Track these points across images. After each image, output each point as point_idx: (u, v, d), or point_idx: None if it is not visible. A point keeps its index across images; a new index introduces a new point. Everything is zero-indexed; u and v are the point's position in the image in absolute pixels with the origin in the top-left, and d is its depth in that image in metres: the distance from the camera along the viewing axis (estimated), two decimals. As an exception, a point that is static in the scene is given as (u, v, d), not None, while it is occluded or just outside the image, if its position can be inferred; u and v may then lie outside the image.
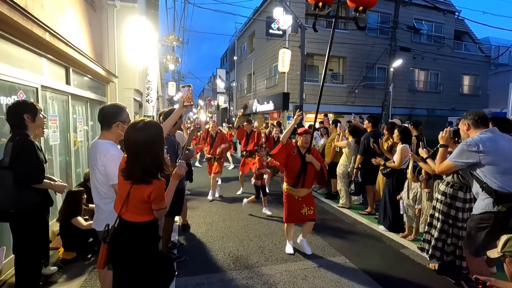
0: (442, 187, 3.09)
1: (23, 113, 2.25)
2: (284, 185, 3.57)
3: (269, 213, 5.02)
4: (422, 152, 3.11)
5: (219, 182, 6.76)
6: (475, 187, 2.42)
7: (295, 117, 3.51)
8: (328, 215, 5.14)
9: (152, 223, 1.68)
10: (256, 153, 5.52)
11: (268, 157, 4.88)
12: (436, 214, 3.09)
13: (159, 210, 1.65)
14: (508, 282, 1.90)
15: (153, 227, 1.70)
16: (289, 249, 3.63)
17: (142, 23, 5.95)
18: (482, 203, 2.33)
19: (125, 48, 7.22)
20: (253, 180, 5.04)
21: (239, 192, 6.43)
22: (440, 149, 2.63)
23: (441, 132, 2.70)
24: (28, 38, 3.13)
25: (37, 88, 3.42)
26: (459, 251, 2.97)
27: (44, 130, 2.72)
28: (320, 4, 2.96)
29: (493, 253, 1.89)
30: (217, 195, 6.15)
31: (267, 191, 5.35)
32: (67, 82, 4.45)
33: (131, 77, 8.12)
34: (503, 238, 1.86)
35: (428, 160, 2.98)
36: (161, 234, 2.99)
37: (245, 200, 5.02)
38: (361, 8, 2.96)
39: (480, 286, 1.78)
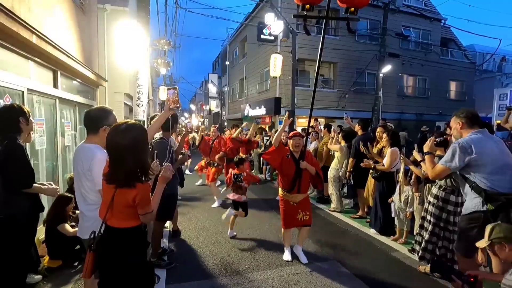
0: (434, 190, 3.12)
1: (19, 117, 2.21)
2: (280, 191, 3.47)
3: (234, 234, 4.27)
4: (417, 155, 3.13)
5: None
6: (464, 187, 2.45)
7: (284, 119, 3.43)
8: (319, 219, 5.14)
9: (138, 228, 1.64)
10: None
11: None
12: (428, 217, 3.12)
13: (145, 214, 1.60)
14: (497, 274, 2.00)
15: (140, 232, 1.65)
16: (287, 256, 3.51)
17: (132, 27, 5.91)
18: (471, 203, 2.36)
19: (115, 52, 7.15)
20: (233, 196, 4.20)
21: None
22: (427, 156, 2.66)
23: (426, 142, 2.75)
24: (14, 41, 3.07)
25: (23, 92, 3.34)
26: (450, 254, 3.00)
27: (31, 134, 2.66)
28: (308, 6, 2.87)
29: (481, 243, 1.97)
30: (216, 204, 5.82)
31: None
32: (55, 85, 4.36)
33: (121, 81, 8.03)
34: (488, 227, 1.97)
35: (422, 164, 3.00)
36: (150, 240, 2.94)
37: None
38: (352, 9, 2.84)
39: (472, 279, 1.87)
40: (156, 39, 7.26)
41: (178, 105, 2.17)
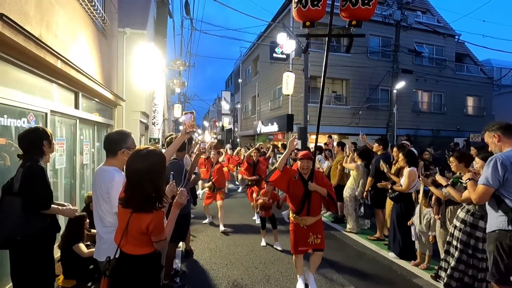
0: (461, 214, 2.94)
1: (43, 140, 2.28)
2: (290, 213, 3.30)
3: (279, 248, 4.48)
4: (441, 180, 2.99)
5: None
6: (490, 204, 2.32)
7: (289, 142, 3.25)
8: (335, 240, 4.97)
9: (153, 255, 1.63)
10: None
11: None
12: (454, 242, 2.94)
13: (159, 242, 1.60)
14: None
15: (155, 259, 1.64)
16: (300, 286, 3.26)
17: (150, 49, 6.16)
18: (496, 221, 2.25)
19: (133, 73, 7.42)
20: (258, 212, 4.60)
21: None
22: (469, 183, 2.50)
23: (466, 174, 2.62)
24: (40, 66, 3.23)
25: (46, 113, 3.48)
26: (478, 284, 2.81)
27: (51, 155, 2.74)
28: (308, 23, 2.79)
29: None
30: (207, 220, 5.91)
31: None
32: (76, 106, 4.54)
33: (138, 100, 8.30)
34: None
35: (448, 189, 2.84)
36: (163, 262, 2.90)
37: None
38: (354, 22, 2.77)
39: None
40: (172, 60, 7.53)
41: (194, 129, 2.22)
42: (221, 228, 5.37)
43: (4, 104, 2.78)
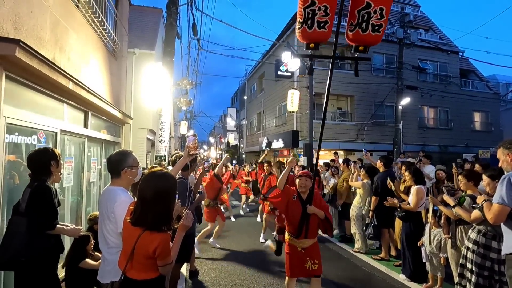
0: (473, 235, 2.82)
1: (51, 160, 2.32)
2: (286, 235, 3.15)
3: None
4: (449, 200, 2.92)
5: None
6: (507, 224, 2.24)
7: (289, 160, 3.16)
8: (343, 261, 4.84)
9: (157, 279, 1.62)
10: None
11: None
12: (469, 265, 2.81)
13: (165, 266, 1.59)
14: None
15: (159, 283, 1.62)
16: None
17: (158, 69, 6.35)
18: None
19: (141, 91, 7.63)
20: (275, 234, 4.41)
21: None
22: (485, 204, 2.43)
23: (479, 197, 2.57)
24: (52, 87, 3.33)
25: (56, 133, 3.56)
26: None
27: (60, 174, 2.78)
28: (312, 45, 2.75)
29: None
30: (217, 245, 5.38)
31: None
32: (85, 125, 4.63)
33: (146, 118, 8.47)
34: None
35: (456, 209, 2.77)
36: (167, 285, 2.86)
37: (268, 242, 4.55)
38: (361, 47, 2.71)
39: None
40: (180, 80, 7.75)
41: (197, 152, 2.28)
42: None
43: (16, 125, 2.86)
